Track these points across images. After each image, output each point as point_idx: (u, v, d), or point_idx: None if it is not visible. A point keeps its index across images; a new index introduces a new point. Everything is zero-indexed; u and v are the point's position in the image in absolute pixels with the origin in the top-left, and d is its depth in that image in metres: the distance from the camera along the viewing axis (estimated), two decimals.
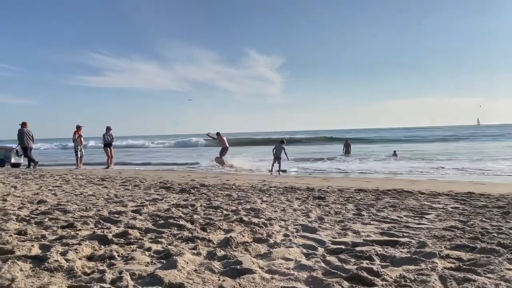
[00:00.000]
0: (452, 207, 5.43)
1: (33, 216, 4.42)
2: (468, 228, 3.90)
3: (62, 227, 3.80)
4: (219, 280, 2.34)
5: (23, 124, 15.70)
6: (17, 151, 16.19)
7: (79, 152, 17.21)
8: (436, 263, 2.65)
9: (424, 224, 4.21)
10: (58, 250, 2.83)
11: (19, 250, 2.83)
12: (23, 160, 16.31)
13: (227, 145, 18.18)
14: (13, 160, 16.05)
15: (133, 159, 22.11)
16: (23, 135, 15.53)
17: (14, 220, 4.07)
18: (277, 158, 14.77)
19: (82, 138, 17.27)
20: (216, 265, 2.59)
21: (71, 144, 18.47)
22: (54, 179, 9.63)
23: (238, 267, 2.51)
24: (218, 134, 18.66)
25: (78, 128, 17.30)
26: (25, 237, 3.34)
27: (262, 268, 2.59)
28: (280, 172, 14.33)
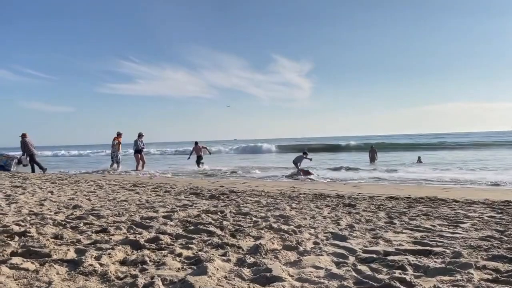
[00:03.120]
0: (488, 216, 5.24)
1: (68, 220, 4.56)
2: (506, 238, 3.75)
3: (96, 232, 3.90)
4: (249, 287, 2.34)
5: (24, 135, 16.34)
6: (19, 161, 16.69)
7: (114, 158, 17.73)
8: (472, 274, 2.56)
9: (459, 233, 4.08)
10: (93, 255, 2.90)
11: (56, 254, 2.93)
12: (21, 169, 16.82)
13: (201, 154, 20.42)
14: (12, 168, 16.51)
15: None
16: (26, 144, 16.21)
17: (51, 225, 4.22)
18: (295, 164, 14.95)
19: (120, 145, 17.79)
20: (246, 272, 2.60)
21: (108, 151, 19.15)
22: (89, 185, 9.91)
23: (268, 274, 2.51)
24: (196, 143, 20.55)
25: (119, 135, 17.82)
26: (61, 241, 3.46)
27: (292, 276, 2.57)
28: (303, 175, 14.37)
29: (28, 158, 16.38)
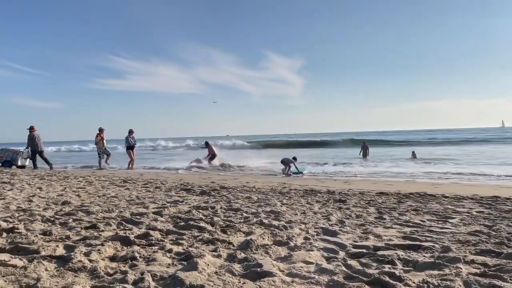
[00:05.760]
0: (477, 211, 5.30)
1: (57, 217, 4.52)
2: (494, 233, 3.80)
3: (86, 228, 3.87)
4: (240, 282, 2.34)
5: (31, 128, 15.96)
6: (23, 154, 16.54)
7: (102, 154, 17.58)
8: (461, 268, 2.58)
9: (448, 228, 4.12)
10: (82, 251, 2.88)
11: (44, 250, 2.90)
12: (28, 163, 16.72)
13: (215, 152, 19.48)
14: (19, 163, 16.42)
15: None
16: (34, 139, 15.82)
17: (39, 221, 4.17)
18: (284, 164, 14.94)
19: (104, 141, 17.63)
20: (237, 267, 2.60)
21: (94, 146, 18.93)
22: (78, 181, 9.83)
23: (259, 269, 2.51)
24: (207, 143, 19.91)
25: (100, 130, 17.67)
26: (50, 238, 3.42)
27: (282, 271, 2.58)
28: (292, 174, 14.37)
29: (30, 153, 16.14)
